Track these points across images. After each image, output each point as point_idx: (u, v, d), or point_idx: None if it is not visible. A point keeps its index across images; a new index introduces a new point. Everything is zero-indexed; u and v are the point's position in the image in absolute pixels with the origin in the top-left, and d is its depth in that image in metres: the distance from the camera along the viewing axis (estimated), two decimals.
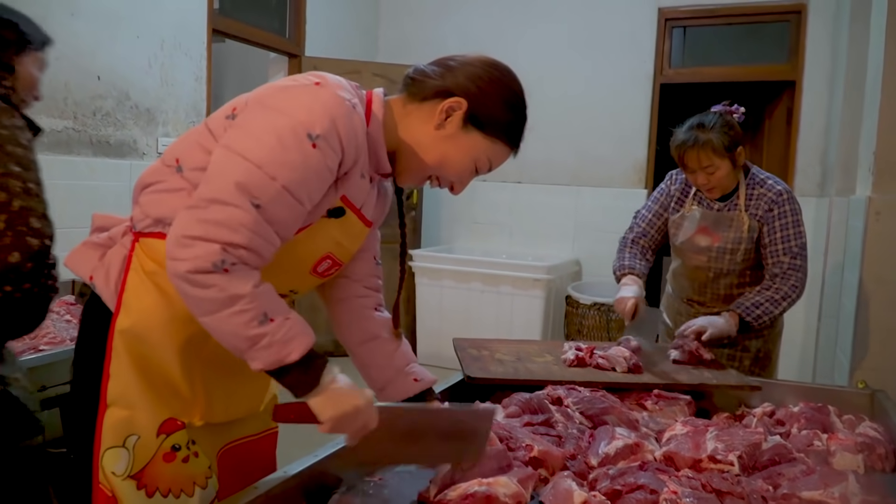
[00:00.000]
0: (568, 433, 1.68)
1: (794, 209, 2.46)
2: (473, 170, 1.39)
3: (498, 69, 1.36)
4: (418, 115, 1.35)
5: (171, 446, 1.31)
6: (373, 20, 6.06)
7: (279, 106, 1.19)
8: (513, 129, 1.38)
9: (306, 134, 1.16)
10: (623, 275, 2.69)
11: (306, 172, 1.17)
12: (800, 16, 5.00)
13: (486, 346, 2.36)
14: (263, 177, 1.14)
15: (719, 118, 2.42)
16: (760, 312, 2.42)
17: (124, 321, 1.28)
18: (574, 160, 5.59)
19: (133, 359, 1.28)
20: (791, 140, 5.06)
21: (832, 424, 1.84)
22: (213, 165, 1.18)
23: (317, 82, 1.22)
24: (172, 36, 3.99)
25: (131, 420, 1.28)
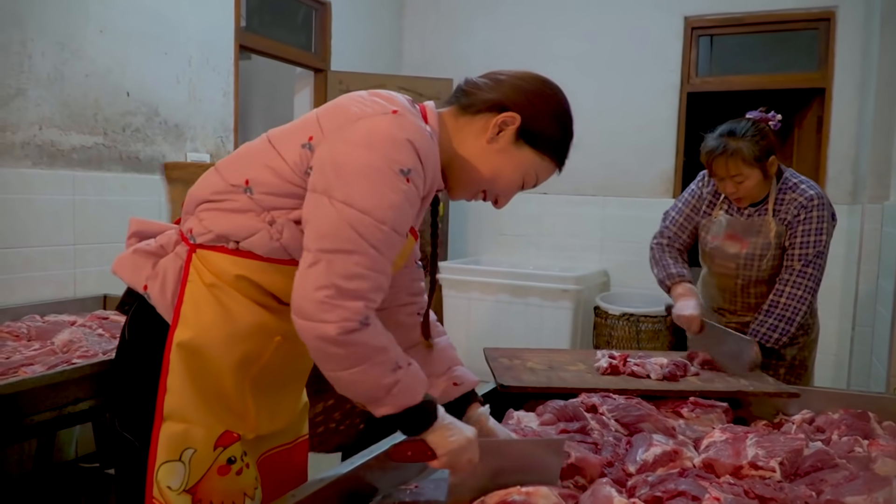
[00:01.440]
0: (604, 440, 1.65)
1: (822, 216, 2.39)
2: (521, 184, 1.41)
3: (549, 86, 1.38)
4: (471, 129, 1.36)
5: (227, 459, 1.32)
6: (397, 34, 6.09)
7: (365, 141, 1.19)
8: (561, 146, 1.40)
9: (399, 171, 1.18)
10: (674, 283, 2.59)
11: (406, 208, 1.20)
12: (829, 23, 4.95)
13: (517, 356, 2.34)
14: (372, 223, 1.16)
15: (752, 126, 2.37)
16: (778, 335, 2.39)
17: (183, 334, 1.27)
18: (600, 171, 5.56)
19: (190, 372, 1.28)
20: (822, 148, 4.99)
21: (873, 431, 1.80)
22: (318, 216, 1.19)
23: (394, 110, 1.23)
24: (200, 52, 4.04)
25: (188, 434, 1.28)
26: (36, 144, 3.18)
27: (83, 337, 2.53)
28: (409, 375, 1.23)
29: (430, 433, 1.28)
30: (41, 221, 3.19)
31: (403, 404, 1.23)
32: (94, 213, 3.41)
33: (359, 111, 1.24)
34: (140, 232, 1.43)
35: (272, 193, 1.27)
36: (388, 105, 1.24)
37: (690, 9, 5.29)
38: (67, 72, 3.30)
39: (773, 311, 2.40)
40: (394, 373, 1.21)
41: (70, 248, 3.31)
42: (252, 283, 1.31)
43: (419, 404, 1.25)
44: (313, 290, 1.15)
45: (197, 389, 1.28)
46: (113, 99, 3.53)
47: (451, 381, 1.54)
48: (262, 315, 1.32)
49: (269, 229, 1.27)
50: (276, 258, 1.29)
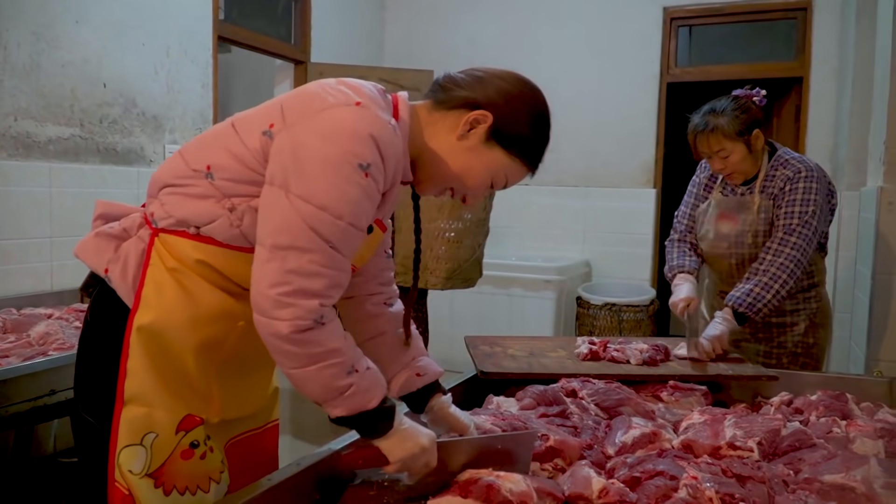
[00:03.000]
0: (584, 424, 1.66)
1: (809, 187, 2.36)
2: (489, 184, 1.37)
3: (528, 87, 1.35)
4: (443, 124, 1.33)
5: (190, 443, 1.30)
6: (378, 25, 6.07)
7: (325, 133, 1.16)
8: (534, 149, 1.36)
9: (358, 165, 1.15)
10: (674, 275, 2.60)
11: (364, 203, 1.18)
12: (806, 12, 4.98)
13: (498, 343, 2.34)
14: (329, 218, 1.15)
15: (732, 102, 2.38)
16: (752, 300, 2.32)
17: (143, 317, 1.26)
18: (582, 161, 5.57)
19: (150, 356, 1.26)
20: (800, 137, 5.03)
21: (851, 412, 1.81)
22: (274, 210, 1.17)
23: (357, 102, 1.20)
24: (178, 43, 4.00)
25: (149, 417, 1.27)
26: (11, 136, 3.13)
27: (59, 329, 2.51)
28: (365, 379, 1.22)
29: (383, 439, 1.27)
30: (18, 214, 3.15)
31: (357, 408, 1.22)
32: (72, 205, 3.38)
33: (322, 101, 1.21)
34: (105, 214, 1.41)
35: (233, 180, 1.25)
36: (353, 96, 1.21)
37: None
38: (44, 62, 3.25)
39: (750, 278, 2.36)
40: (348, 375, 1.20)
41: (47, 241, 3.28)
42: (213, 268, 1.29)
43: (374, 409, 1.24)
44: (268, 286, 1.14)
45: (158, 373, 1.27)
46: (90, 90, 3.49)
47: (415, 372, 1.52)
48: (225, 300, 1.31)
49: (230, 216, 1.25)
50: (236, 245, 1.27)
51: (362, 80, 1.30)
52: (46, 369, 2.17)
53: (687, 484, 1.29)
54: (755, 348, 2.57)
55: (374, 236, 1.37)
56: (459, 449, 1.38)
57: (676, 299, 2.44)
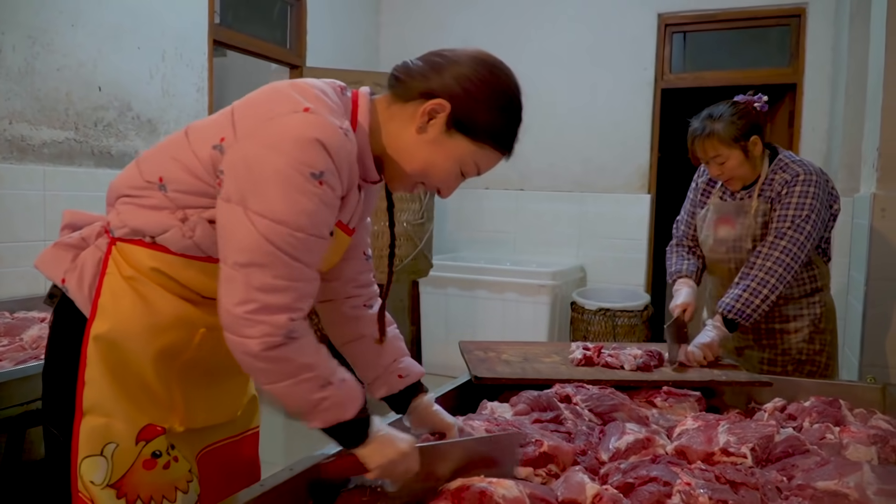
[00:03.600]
0: (578, 430, 1.66)
1: (805, 191, 2.33)
2: (459, 174, 1.32)
3: (488, 67, 1.27)
4: (401, 118, 1.28)
5: (152, 453, 1.28)
6: (373, 30, 6.08)
7: (275, 144, 1.13)
8: (502, 133, 1.29)
9: (310, 174, 1.12)
10: (674, 280, 2.60)
11: (322, 211, 1.16)
12: (799, 19, 5.01)
13: (492, 348, 2.34)
14: (287, 232, 1.12)
15: (730, 108, 2.38)
16: (741, 305, 2.30)
17: (100, 326, 1.24)
18: (577, 167, 5.59)
19: (108, 365, 1.24)
20: (794, 143, 5.05)
21: (844, 418, 1.82)
22: (233, 228, 1.14)
23: (306, 107, 1.16)
24: (174, 47, 4.00)
25: (108, 428, 1.25)
26: (6, 139, 3.13)
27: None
28: (340, 392, 1.21)
29: (361, 448, 1.26)
30: (11, 217, 3.14)
31: (332, 420, 1.22)
32: (65, 207, 3.33)
33: (270, 110, 1.18)
34: (72, 224, 1.38)
35: (185, 192, 1.24)
36: (302, 101, 1.17)
37: (664, 6, 5.33)
38: (39, 65, 3.25)
39: (739, 283, 2.35)
40: (322, 389, 1.19)
41: (41, 244, 3.27)
42: (169, 276, 1.29)
43: (351, 420, 1.23)
44: (234, 305, 1.13)
45: (116, 382, 1.25)
46: (85, 93, 3.49)
47: (397, 374, 1.51)
48: (183, 307, 1.29)
49: (182, 227, 1.25)
50: (189, 254, 1.26)
51: (316, 81, 1.27)
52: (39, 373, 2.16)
53: (680, 490, 1.29)
54: (759, 355, 2.55)
55: (339, 241, 1.34)
56: (443, 453, 1.37)
57: (674, 304, 2.44)
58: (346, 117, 1.25)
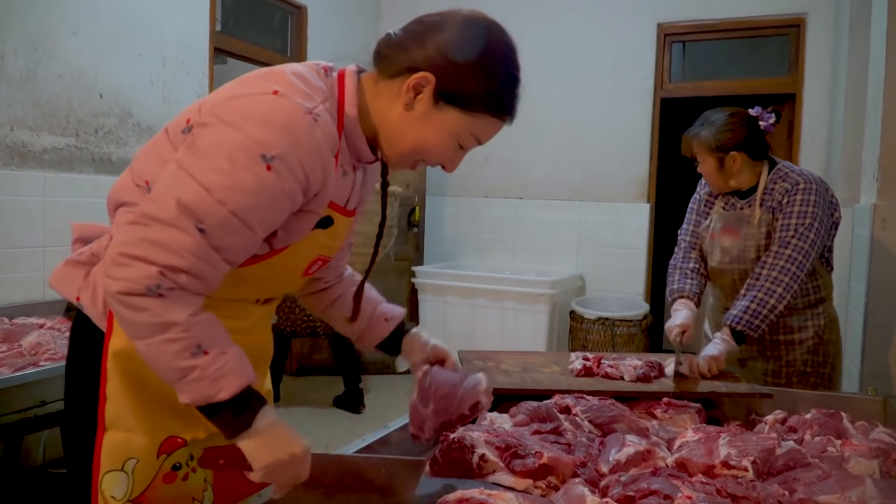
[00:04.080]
0: (577, 441, 1.65)
1: (806, 199, 2.33)
2: (457, 148, 1.24)
3: (470, 29, 1.18)
4: (388, 95, 1.21)
5: (172, 465, 1.27)
6: (373, 37, 6.03)
7: (233, 120, 1.08)
8: (496, 97, 1.20)
9: (260, 155, 1.06)
10: (674, 299, 2.58)
11: (258, 197, 1.08)
12: (799, 29, 5.02)
13: (491, 358, 2.33)
14: (211, 201, 1.05)
15: (725, 117, 2.40)
16: (749, 317, 2.28)
17: (116, 342, 1.22)
18: (576, 175, 5.59)
19: (128, 380, 1.23)
20: (793, 153, 5.06)
21: (845, 430, 1.80)
22: (161, 181, 1.10)
23: (275, 90, 1.11)
24: (174, 54, 4.01)
25: (129, 443, 1.24)
26: (7, 145, 3.13)
27: (51, 339, 2.50)
28: (215, 364, 1.08)
29: (243, 439, 1.13)
30: (11, 222, 3.14)
31: (202, 396, 1.09)
32: (65, 214, 3.37)
33: (237, 89, 1.14)
34: (83, 237, 1.37)
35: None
36: (271, 84, 1.12)
37: (663, 15, 5.34)
38: (40, 72, 3.25)
39: (746, 294, 2.34)
40: (193, 357, 1.07)
41: (40, 250, 3.27)
42: None
43: (227, 402, 1.10)
44: (118, 244, 1.07)
45: (136, 397, 1.24)
46: (86, 100, 3.49)
47: (383, 318, 1.53)
48: None
49: None
50: None
51: (295, 65, 1.21)
52: (37, 380, 2.17)
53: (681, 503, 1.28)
54: (763, 367, 2.53)
55: (340, 225, 1.30)
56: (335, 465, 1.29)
57: (672, 325, 2.42)
58: (330, 99, 1.20)
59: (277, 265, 1.25)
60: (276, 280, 1.30)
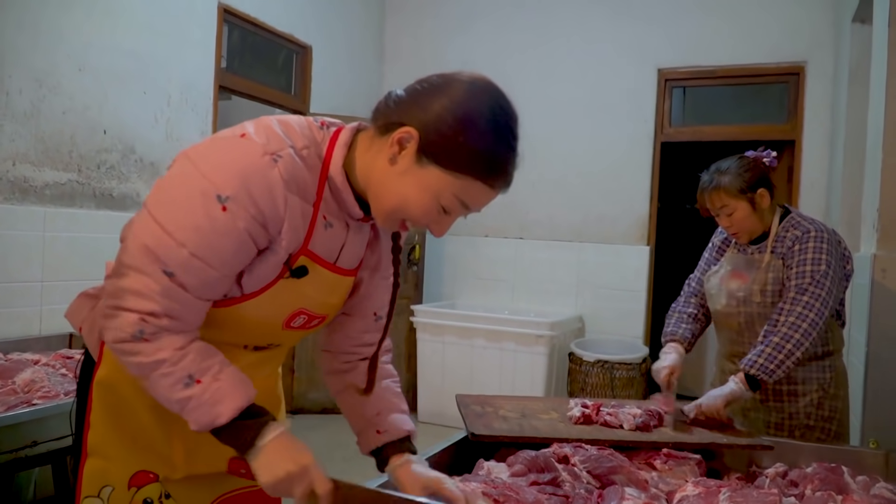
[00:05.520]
0: (575, 493, 1.62)
1: (819, 246, 2.32)
2: (440, 210, 1.19)
3: (466, 88, 1.17)
4: (377, 150, 1.20)
5: (143, 500, 1.29)
6: (377, 77, 6.15)
7: (197, 163, 1.13)
8: (483, 161, 1.15)
9: (216, 196, 1.09)
10: (666, 342, 2.60)
11: (215, 237, 1.11)
12: (798, 77, 5.07)
13: (489, 403, 2.31)
14: (172, 243, 1.10)
15: (737, 161, 2.42)
16: (764, 361, 2.24)
17: (102, 372, 1.28)
18: (576, 217, 5.61)
19: (109, 409, 1.28)
20: (793, 198, 5.07)
21: (846, 485, 1.78)
22: (133, 225, 1.16)
23: (242, 134, 1.15)
24: (179, 92, 4.04)
25: (106, 470, 1.28)
26: (8, 180, 3.14)
27: (45, 377, 2.48)
28: (209, 390, 1.13)
29: (251, 456, 1.16)
30: (9, 257, 3.14)
31: (205, 422, 1.14)
32: (64, 249, 3.36)
33: (214, 136, 1.19)
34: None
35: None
36: (244, 128, 1.16)
37: (664, 61, 5.40)
38: (44, 108, 3.28)
39: (762, 340, 2.31)
40: (186, 388, 1.13)
41: (37, 285, 3.26)
42: None
43: (228, 425, 1.14)
44: (106, 297, 1.15)
45: (115, 427, 1.28)
46: (89, 136, 3.51)
47: (375, 429, 1.43)
48: None
49: None
50: None
51: (290, 116, 1.25)
52: (29, 420, 2.14)
53: None
54: (765, 418, 2.49)
55: (323, 279, 1.28)
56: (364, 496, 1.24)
57: (660, 366, 2.41)
58: (312, 147, 1.21)
59: (253, 311, 1.24)
60: (257, 327, 1.29)
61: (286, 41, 5.08)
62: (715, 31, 5.23)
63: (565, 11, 5.66)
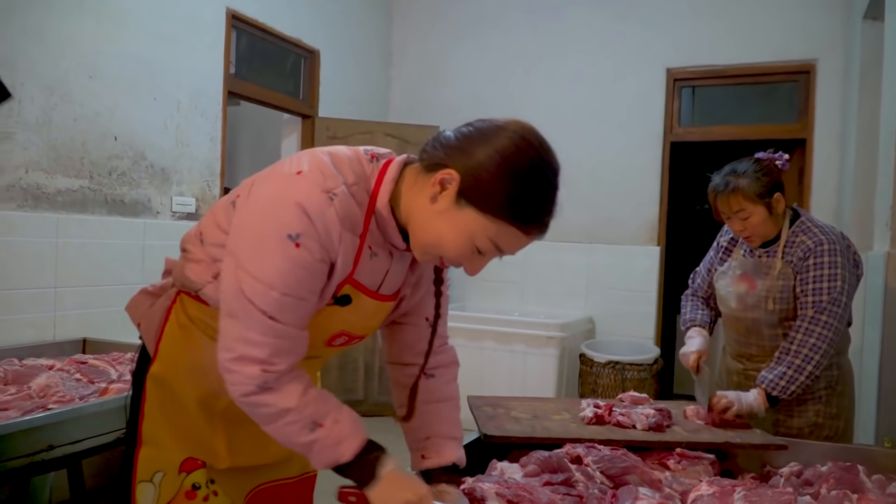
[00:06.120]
0: (589, 493, 1.62)
1: (834, 261, 2.32)
2: (475, 251, 1.25)
3: (510, 136, 1.20)
4: (421, 188, 1.25)
5: (192, 484, 1.39)
6: (384, 82, 6.16)
7: (263, 204, 1.20)
8: (519, 207, 1.20)
9: (287, 235, 1.17)
10: (687, 328, 2.61)
11: (299, 273, 1.19)
12: (809, 76, 5.05)
13: (501, 404, 2.31)
14: (263, 288, 1.17)
15: (753, 164, 2.38)
16: (786, 383, 2.29)
17: (156, 367, 1.38)
18: (586, 218, 5.59)
19: (160, 402, 1.38)
20: (804, 198, 5.05)
21: (862, 485, 1.77)
22: (224, 278, 1.23)
23: (298, 171, 1.21)
24: (189, 98, 4.06)
25: (158, 458, 1.38)
26: (21, 187, 3.16)
27: (60, 382, 2.49)
28: (332, 434, 1.23)
29: (370, 488, 1.26)
30: (23, 263, 3.16)
31: (330, 462, 1.25)
32: (76, 255, 3.38)
33: (269, 171, 1.27)
34: (169, 269, 1.50)
35: (214, 244, 1.33)
36: (300, 165, 1.22)
37: (673, 61, 5.39)
38: (56, 116, 3.30)
39: (783, 359, 2.32)
40: (311, 432, 1.23)
41: (51, 291, 3.27)
42: (212, 326, 1.35)
43: (352, 461, 1.25)
44: (220, 351, 1.22)
45: (166, 417, 1.38)
46: (100, 143, 3.53)
47: (420, 454, 1.48)
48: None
49: (215, 283, 1.32)
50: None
51: (342, 148, 1.30)
52: (44, 424, 2.15)
53: None
54: (773, 417, 2.50)
55: (364, 306, 1.34)
56: None
57: (688, 351, 2.43)
58: (362, 182, 1.27)
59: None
60: None
61: (294, 46, 5.10)
62: (724, 30, 5.21)
63: (573, 13, 5.66)
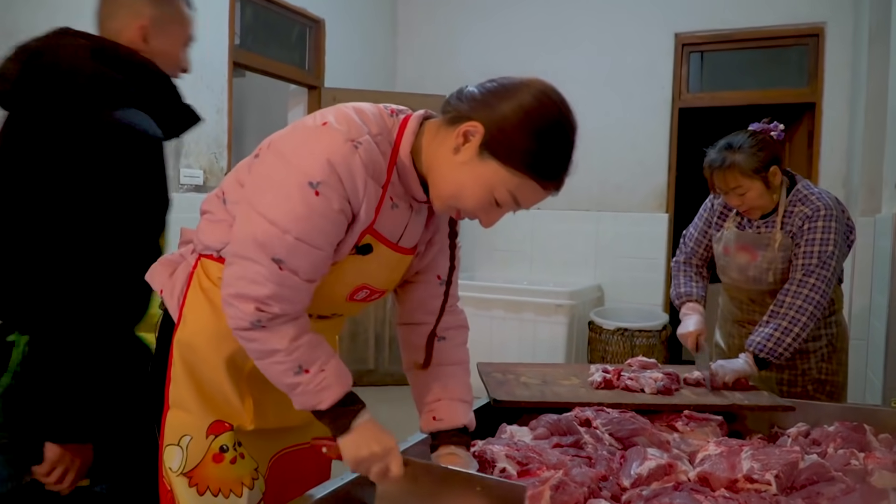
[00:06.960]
0: (598, 454, 1.64)
1: (827, 226, 2.33)
2: (493, 203, 1.28)
3: (533, 93, 1.24)
4: (443, 140, 1.28)
5: (220, 447, 1.39)
6: (391, 51, 6.12)
7: (285, 153, 1.23)
8: (539, 161, 1.23)
9: (307, 183, 1.19)
10: (682, 303, 2.58)
11: (315, 220, 1.20)
12: (818, 39, 4.99)
13: (511, 370, 2.33)
14: (277, 232, 1.19)
15: (749, 138, 2.35)
16: (773, 345, 2.29)
17: (182, 332, 1.38)
18: (594, 186, 5.57)
19: (187, 366, 1.38)
20: (813, 163, 5.02)
21: (869, 443, 1.79)
22: (237, 220, 1.27)
23: (323, 122, 1.24)
24: (194, 70, 4.00)
25: (185, 421, 1.38)
26: None
27: None
28: (315, 380, 1.27)
29: (341, 437, 1.30)
30: None
31: (308, 406, 1.29)
32: None
33: (294, 125, 1.29)
34: (187, 239, 1.50)
35: (235, 202, 1.33)
36: (325, 116, 1.26)
37: (681, 25, 5.33)
38: None
39: (770, 322, 2.33)
40: (296, 375, 1.26)
41: None
42: None
43: (326, 410, 1.28)
44: (222, 287, 1.26)
45: (193, 381, 1.38)
46: None
47: (432, 415, 1.49)
48: None
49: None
50: None
51: (364, 104, 1.33)
52: None
53: None
54: (777, 376, 2.52)
55: (386, 257, 1.36)
56: (431, 474, 1.35)
57: (686, 332, 2.42)
58: (384, 134, 1.29)
59: (321, 285, 1.31)
60: (323, 299, 1.36)
61: (299, 16, 5.06)
62: None
63: None
